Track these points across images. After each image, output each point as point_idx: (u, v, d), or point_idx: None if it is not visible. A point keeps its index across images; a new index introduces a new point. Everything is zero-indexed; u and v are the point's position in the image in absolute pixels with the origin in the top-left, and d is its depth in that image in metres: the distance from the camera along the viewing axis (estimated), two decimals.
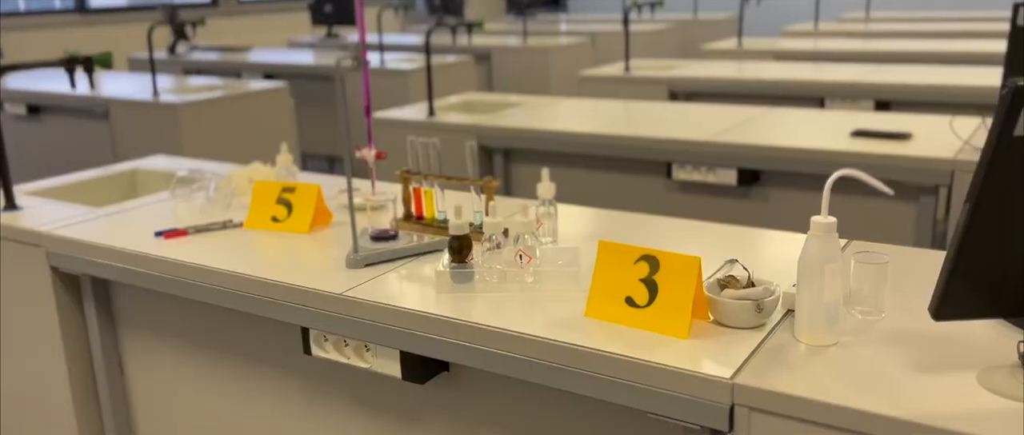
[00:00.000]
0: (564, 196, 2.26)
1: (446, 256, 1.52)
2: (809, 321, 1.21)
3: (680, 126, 2.87)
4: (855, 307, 1.31)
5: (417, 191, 1.81)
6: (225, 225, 1.89)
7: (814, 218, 1.19)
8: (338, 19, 7.33)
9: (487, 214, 1.68)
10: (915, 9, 8.45)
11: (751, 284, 1.31)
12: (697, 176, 2.69)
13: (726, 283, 1.32)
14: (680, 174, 2.71)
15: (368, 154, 1.68)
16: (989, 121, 2.58)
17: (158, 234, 1.85)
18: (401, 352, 1.46)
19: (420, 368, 1.47)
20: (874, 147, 2.46)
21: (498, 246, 1.50)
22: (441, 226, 1.78)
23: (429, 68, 3.24)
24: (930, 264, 1.51)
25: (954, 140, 2.47)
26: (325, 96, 5.57)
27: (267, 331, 1.75)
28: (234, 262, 1.67)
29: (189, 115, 3.97)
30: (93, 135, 4.38)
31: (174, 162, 2.62)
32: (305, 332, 1.58)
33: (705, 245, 1.67)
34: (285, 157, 2.05)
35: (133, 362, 2.03)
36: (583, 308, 1.38)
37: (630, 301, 1.31)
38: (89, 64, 2.15)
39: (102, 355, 2.01)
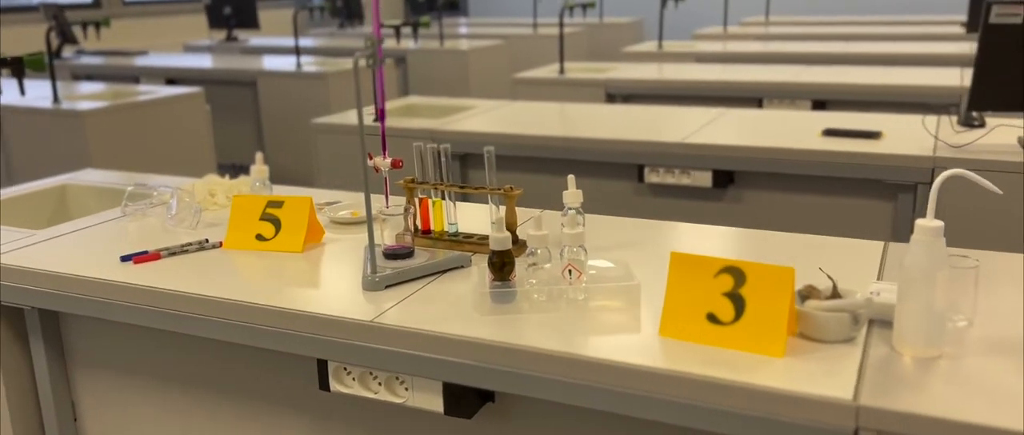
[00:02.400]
0: (530, 201, 2.15)
1: (485, 274, 1.37)
2: (914, 332, 1.13)
3: (646, 128, 2.80)
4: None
5: (424, 202, 1.65)
6: (201, 246, 1.67)
7: (920, 222, 1.11)
8: (238, 22, 6.96)
9: (511, 225, 1.55)
10: (805, 14, 8.77)
11: (836, 293, 1.22)
12: (670, 179, 2.62)
13: (807, 293, 1.23)
14: (652, 177, 2.64)
15: (383, 163, 1.51)
16: (954, 120, 2.63)
17: (126, 258, 1.61)
18: (445, 384, 1.30)
19: (466, 401, 1.31)
20: (849, 146, 2.45)
21: (540, 262, 1.37)
22: (452, 239, 1.63)
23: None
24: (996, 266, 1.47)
25: (926, 137, 2.50)
26: (233, 102, 5.26)
27: (267, 366, 1.55)
28: (226, 288, 1.46)
29: (96, 123, 3.63)
30: None
31: (109, 176, 2.35)
32: (322, 365, 1.39)
33: (701, 249, 1.58)
34: (260, 168, 1.84)
35: (89, 406, 1.78)
36: (650, 326, 1.26)
37: (712, 318, 1.20)
38: (19, 67, 1.88)
39: (52, 398, 1.75)
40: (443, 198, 1.63)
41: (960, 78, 3.71)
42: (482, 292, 1.35)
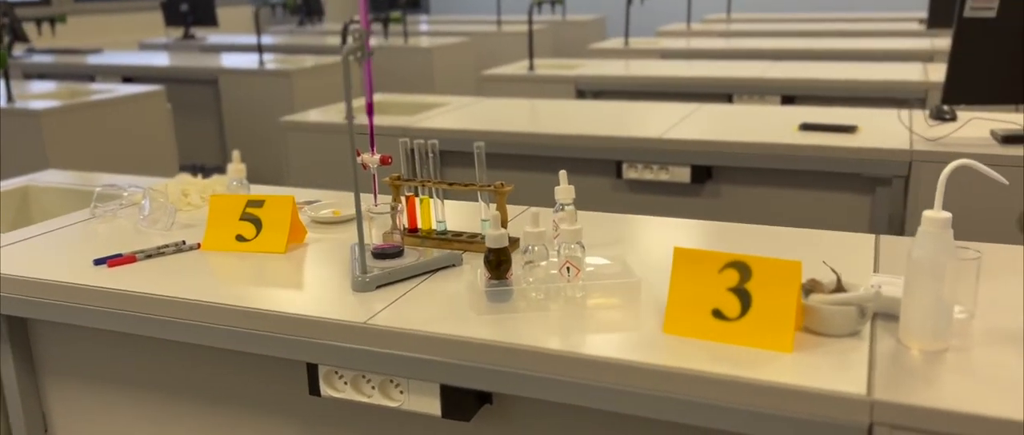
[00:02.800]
0: (508, 198, 2.10)
1: (481, 272, 1.33)
2: (922, 325, 1.12)
3: (622, 123, 2.78)
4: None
5: (411, 199, 1.60)
6: (178, 248, 1.61)
7: (927, 213, 1.10)
8: (196, 19, 6.82)
9: (503, 222, 1.51)
10: (765, 11, 8.86)
11: (840, 287, 1.21)
12: (648, 175, 2.60)
13: (811, 287, 1.22)
14: (631, 173, 2.62)
15: (371, 160, 1.46)
16: (926, 113, 2.64)
17: (99, 262, 1.55)
18: (442, 386, 1.26)
19: (464, 403, 1.27)
20: (827, 140, 2.45)
21: (536, 259, 1.33)
22: (441, 238, 1.59)
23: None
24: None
25: (901, 131, 2.51)
26: (193, 101, 5.14)
27: (252, 371, 1.50)
28: (208, 291, 1.41)
29: (53, 123, 3.52)
30: None
31: (73, 177, 2.26)
32: (312, 369, 1.35)
33: (689, 244, 1.56)
34: (237, 167, 1.78)
35: (60, 416, 1.70)
36: (652, 323, 1.24)
37: (718, 313, 1.18)
38: None
39: (21, 409, 1.67)
40: (431, 196, 1.59)
41: (924, 73, 3.76)
42: (478, 291, 1.32)
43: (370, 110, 1.43)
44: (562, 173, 1.53)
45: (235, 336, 1.36)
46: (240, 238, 1.61)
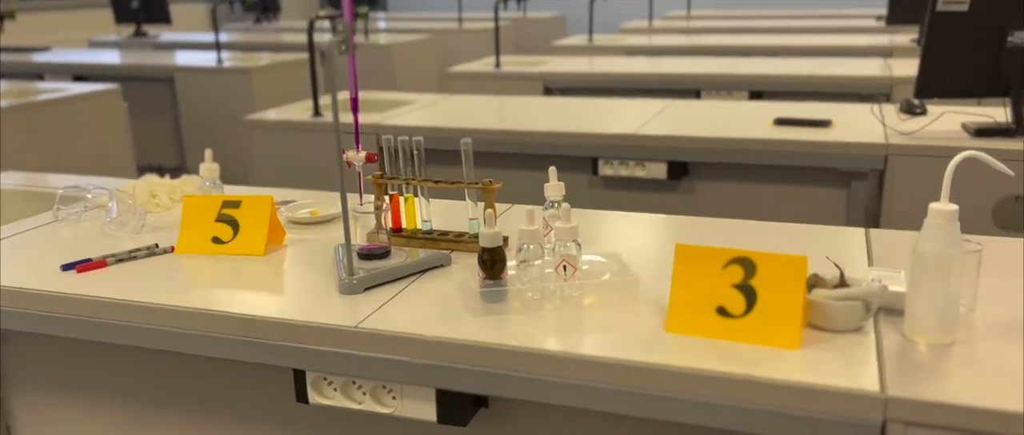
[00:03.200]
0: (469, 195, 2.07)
1: (475, 272, 1.29)
2: (928, 318, 1.11)
3: (595, 120, 2.76)
4: None
5: (395, 198, 1.55)
6: (151, 251, 1.54)
7: (933, 205, 1.09)
8: (147, 16, 6.64)
9: (492, 220, 1.47)
10: (724, 8, 8.93)
11: (843, 282, 1.19)
12: (624, 171, 2.58)
13: (813, 282, 1.20)
14: (607, 170, 2.60)
15: (356, 157, 1.41)
16: (896, 107, 2.66)
17: (67, 267, 1.47)
18: (438, 391, 1.22)
19: (461, 407, 1.23)
20: (803, 134, 2.46)
21: (531, 258, 1.29)
22: (427, 237, 1.54)
23: (313, 62, 2.92)
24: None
25: (875, 125, 2.53)
26: (148, 100, 5.00)
27: (234, 379, 1.43)
28: (187, 296, 1.34)
29: (3, 123, 3.38)
30: None
31: (30, 179, 2.16)
32: (299, 376, 1.29)
33: (680, 239, 1.54)
34: (210, 166, 1.71)
35: (26, 431, 1.62)
36: (653, 322, 1.21)
37: (722, 311, 1.15)
38: None
39: None
40: (416, 194, 1.55)
41: (888, 68, 3.81)
42: (473, 291, 1.27)
43: (355, 106, 1.38)
44: (552, 170, 1.50)
45: (217, 343, 1.29)
46: (216, 240, 1.55)
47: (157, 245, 1.56)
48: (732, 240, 1.55)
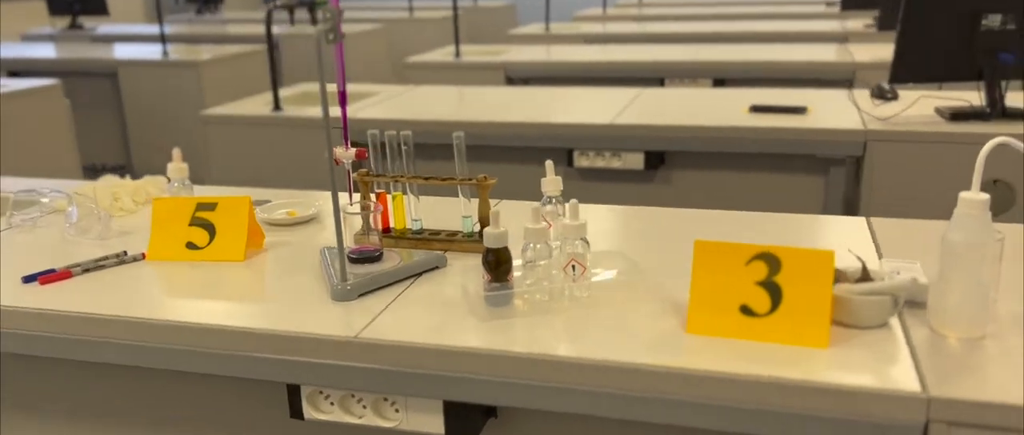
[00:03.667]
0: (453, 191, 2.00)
1: (479, 274, 1.22)
2: (958, 312, 1.07)
3: (566, 110, 2.69)
4: None
5: (382, 196, 1.47)
6: (120, 259, 1.43)
7: (965, 195, 1.04)
8: (83, 8, 6.38)
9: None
10: None
11: (866, 275, 1.15)
12: (600, 162, 2.52)
13: (835, 277, 1.15)
14: (582, 161, 2.54)
15: (345, 154, 1.32)
16: (868, 93, 2.65)
17: (29, 279, 1.35)
18: (445, 403, 1.14)
19: (470, 419, 1.16)
20: (781, 122, 2.43)
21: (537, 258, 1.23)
22: (417, 237, 1.46)
23: (272, 54, 2.80)
24: None
25: (851, 111, 2.51)
26: (89, 96, 4.78)
27: (221, 395, 1.33)
28: (164, 308, 1.24)
29: None
30: None
31: None
32: (293, 390, 1.20)
33: (675, 234, 1.49)
34: (178, 166, 1.60)
35: None
36: (671, 323, 1.15)
37: (746, 309, 1.10)
38: None
39: None
40: (404, 192, 1.46)
41: (849, 53, 3.82)
42: (477, 295, 1.20)
43: (343, 99, 1.29)
44: (549, 163, 1.43)
45: (202, 358, 1.20)
46: (191, 246, 1.44)
47: (126, 252, 1.45)
48: (734, 234, 1.50)
